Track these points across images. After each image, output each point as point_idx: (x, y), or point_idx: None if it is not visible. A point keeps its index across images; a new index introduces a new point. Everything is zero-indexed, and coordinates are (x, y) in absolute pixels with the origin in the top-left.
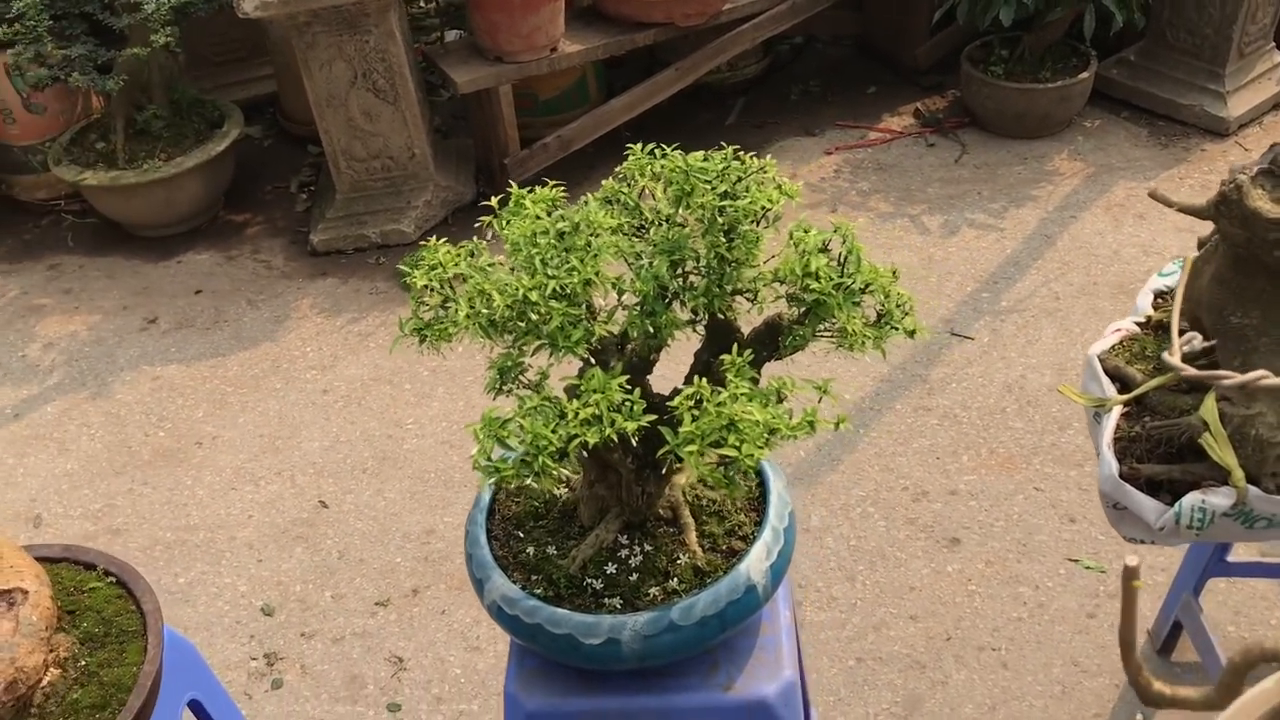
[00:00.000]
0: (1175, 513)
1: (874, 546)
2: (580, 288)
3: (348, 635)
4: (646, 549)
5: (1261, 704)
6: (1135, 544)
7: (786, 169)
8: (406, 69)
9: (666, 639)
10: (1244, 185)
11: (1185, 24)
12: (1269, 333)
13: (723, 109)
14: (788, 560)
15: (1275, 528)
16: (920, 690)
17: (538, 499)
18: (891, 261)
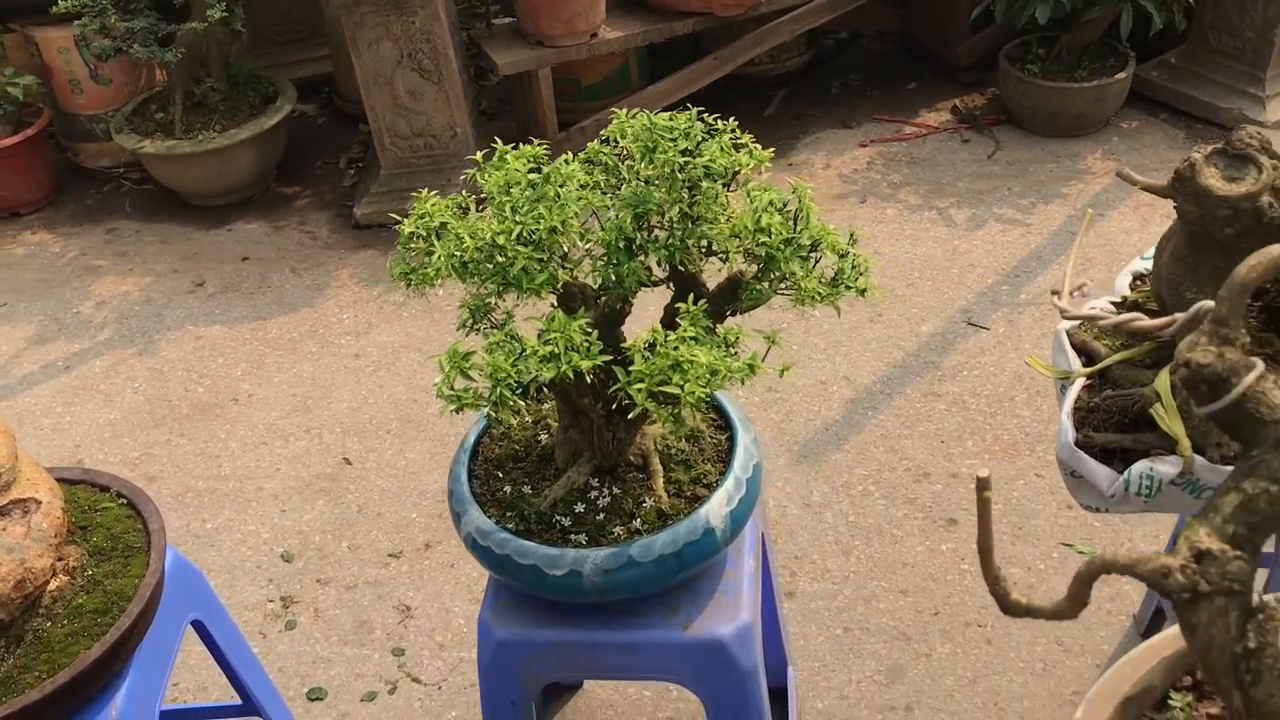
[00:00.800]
0: (1125, 480)
1: (872, 523)
2: (546, 234)
3: (360, 584)
4: (615, 492)
5: (1159, 652)
6: (1095, 513)
7: (821, 159)
8: (451, 50)
9: (626, 574)
10: (1197, 164)
11: (1227, 26)
12: None
13: (763, 100)
14: (749, 509)
15: None
16: (904, 661)
17: (519, 443)
18: (916, 253)
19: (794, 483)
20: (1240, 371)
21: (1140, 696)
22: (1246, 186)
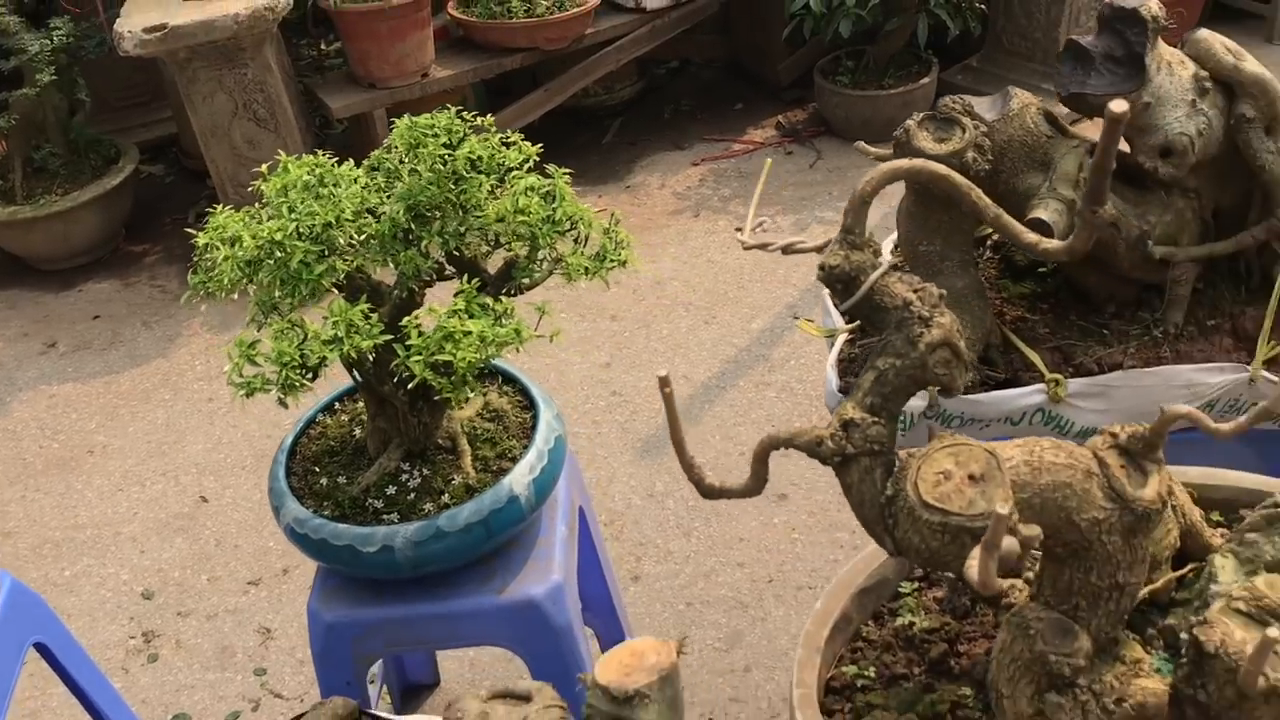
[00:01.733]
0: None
1: (710, 506)
2: (322, 229)
3: (221, 612)
4: (425, 473)
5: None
6: None
7: (656, 180)
8: (285, 99)
9: (437, 546)
10: (912, 129)
11: (1017, 29)
12: (950, 256)
13: (600, 129)
14: (553, 477)
15: (966, 424)
16: (742, 626)
17: (334, 440)
18: (746, 258)
19: (637, 476)
20: (867, 270)
21: (876, 588)
22: (953, 145)
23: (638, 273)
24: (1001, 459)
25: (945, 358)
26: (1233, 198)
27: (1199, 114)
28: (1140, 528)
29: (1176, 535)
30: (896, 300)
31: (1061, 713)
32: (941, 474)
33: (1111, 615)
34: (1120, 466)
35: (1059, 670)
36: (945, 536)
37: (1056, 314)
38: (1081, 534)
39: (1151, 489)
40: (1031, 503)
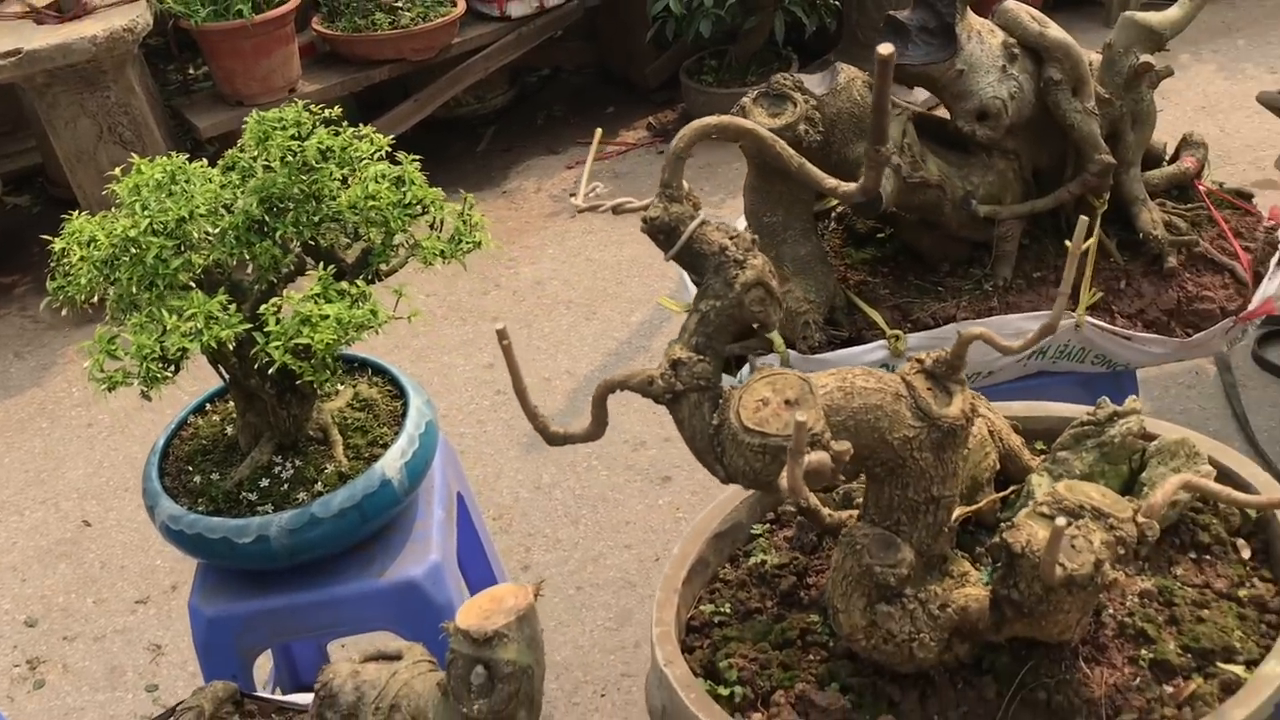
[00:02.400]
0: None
1: (597, 493)
2: (175, 224)
3: (109, 633)
4: (297, 464)
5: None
6: None
7: (532, 185)
8: (151, 120)
9: (312, 533)
10: (747, 105)
11: (870, 24)
12: (792, 226)
13: (474, 137)
14: (425, 461)
15: None
16: (631, 605)
17: (206, 439)
18: (623, 255)
19: (524, 470)
20: (685, 220)
21: (730, 532)
22: (786, 118)
23: (518, 274)
24: (816, 385)
25: (760, 296)
26: (1050, 157)
27: (1010, 78)
28: (948, 443)
29: (995, 459)
30: (714, 247)
31: (891, 621)
32: (760, 401)
33: (930, 528)
34: (927, 389)
35: (885, 581)
36: (766, 456)
37: (896, 276)
38: (895, 452)
39: (955, 407)
40: (846, 425)
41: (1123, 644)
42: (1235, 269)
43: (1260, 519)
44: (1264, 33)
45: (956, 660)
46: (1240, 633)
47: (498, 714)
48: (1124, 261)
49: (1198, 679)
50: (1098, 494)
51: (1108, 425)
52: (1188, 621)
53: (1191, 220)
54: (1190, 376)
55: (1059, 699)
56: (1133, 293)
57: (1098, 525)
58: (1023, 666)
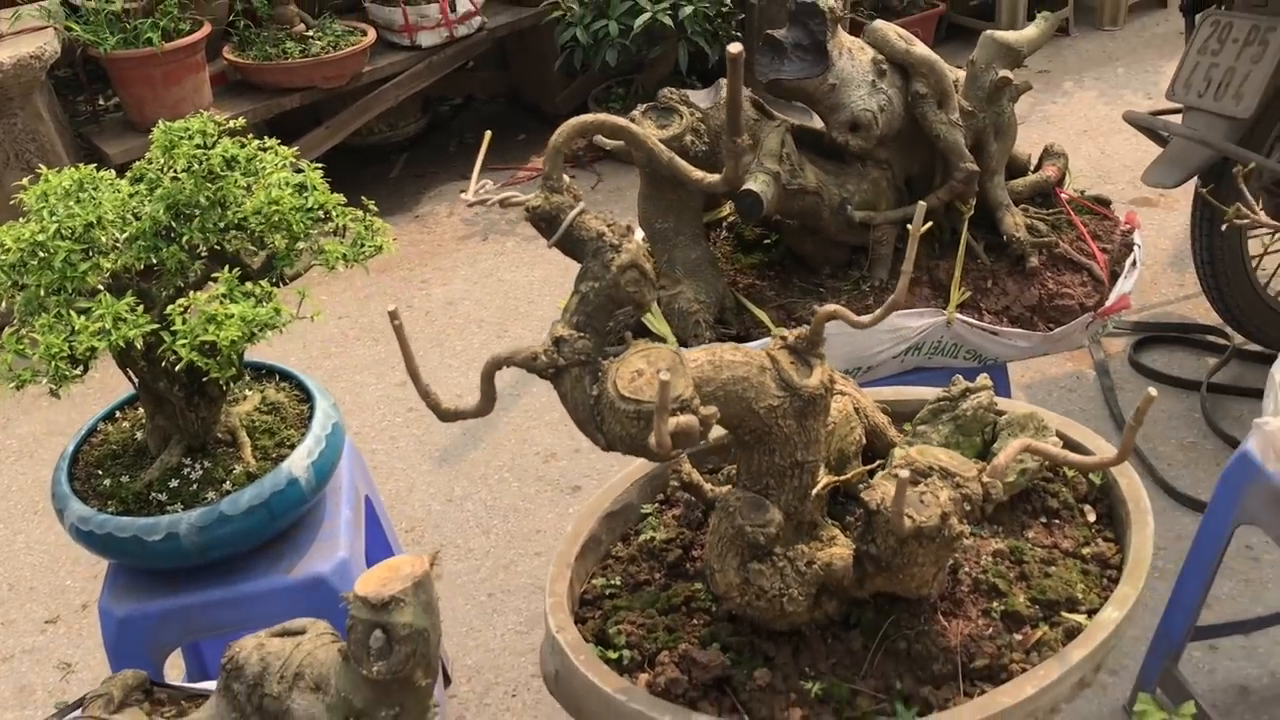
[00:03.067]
0: None
1: (508, 503)
2: (83, 229)
3: (17, 653)
4: (206, 465)
5: (633, 477)
6: None
7: (444, 209)
8: (60, 147)
9: (222, 530)
10: (637, 117)
11: None
12: (683, 231)
13: (387, 164)
14: (332, 461)
15: None
16: (541, 610)
17: (116, 444)
18: (534, 275)
19: (436, 484)
20: (565, 209)
21: (622, 512)
22: (673, 130)
23: (430, 295)
24: (687, 358)
25: (635, 277)
26: (920, 166)
27: (879, 92)
28: (809, 411)
29: (862, 434)
30: (592, 233)
31: (762, 577)
32: (636, 372)
33: (797, 491)
34: (790, 362)
35: (755, 540)
36: (640, 422)
37: (781, 279)
38: (761, 420)
39: (815, 379)
40: (716, 395)
41: (977, 598)
42: (1093, 268)
43: (1104, 486)
44: (1141, 61)
45: (826, 617)
46: (1083, 586)
47: (395, 674)
48: (990, 262)
49: (1044, 627)
50: (945, 456)
51: (960, 400)
52: (1036, 577)
53: (1052, 224)
54: (1071, 380)
55: (918, 648)
56: (999, 291)
57: (945, 483)
58: (886, 620)
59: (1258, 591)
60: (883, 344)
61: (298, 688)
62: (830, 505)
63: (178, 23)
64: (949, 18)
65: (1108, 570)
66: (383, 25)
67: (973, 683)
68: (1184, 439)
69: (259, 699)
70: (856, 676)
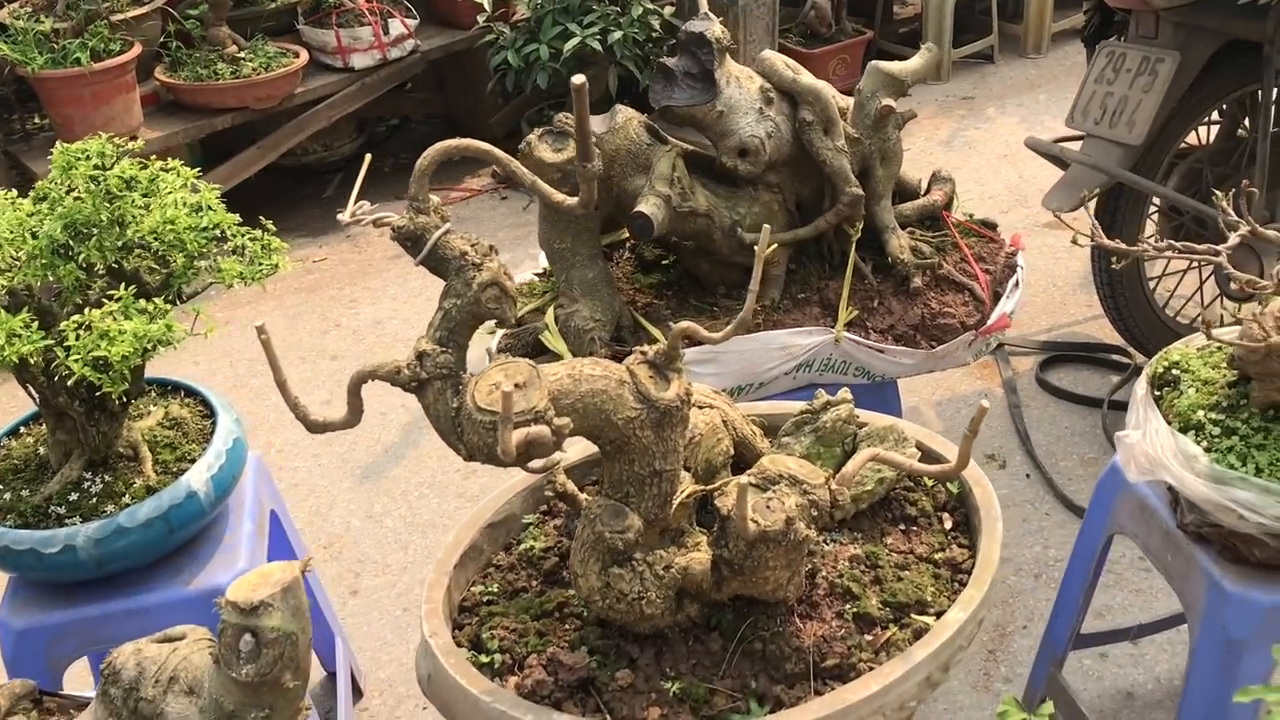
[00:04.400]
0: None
1: (427, 519)
2: None
3: None
4: (106, 479)
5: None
6: None
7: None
8: None
9: (119, 543)
10: (533, 141)
11: None
12: (580, 251)
13: (322, 184)
14: (232, 475)
15: None
16: None
17: (19, 459)
18: None
19: (357, 500)
20: (431, 230)
21: (504, 522)
22: (567, 154)
23: (358, 314)
24: (546, 372)
25: (495, 294)
26: (811, 190)
27: (766, 119)
28: (666, 422)
29: (729, 445)
30: (455, 252)
31: (622, 581)
32: (493, 385)
33: (656, 498)
34: (649, 376)
35: (614, 545)
36: (495, 432)
37: (679, 298)
38: (620, 431)
39: (672, 392)
40: (575, 407)
41: (832, 601)
42: (974, 288)
43: (961, 494)
44: (1063, 88)
45: (689, 620)
46: (934, 589)
47: (264, 677)
48: (877, 283)
49: (894, 628)
50: (796, 465)
51: (821, 413)
52: (890, 581)
53: (937, 246)
54: (979, 397)
55: (772, 649)
56: (884, 310)
57: (792, 490)
58: (745, 622)
59: (1148, 601)
60: (773, 361)
61: (172, 691)
62: (699, 514)
63: (107, 43)
64: (877, 44)
65: (959, 574)
66: (316, 47)
67: (824, 681)
68: (1085, 454)
69: (135, 703)
70: (715, 676)
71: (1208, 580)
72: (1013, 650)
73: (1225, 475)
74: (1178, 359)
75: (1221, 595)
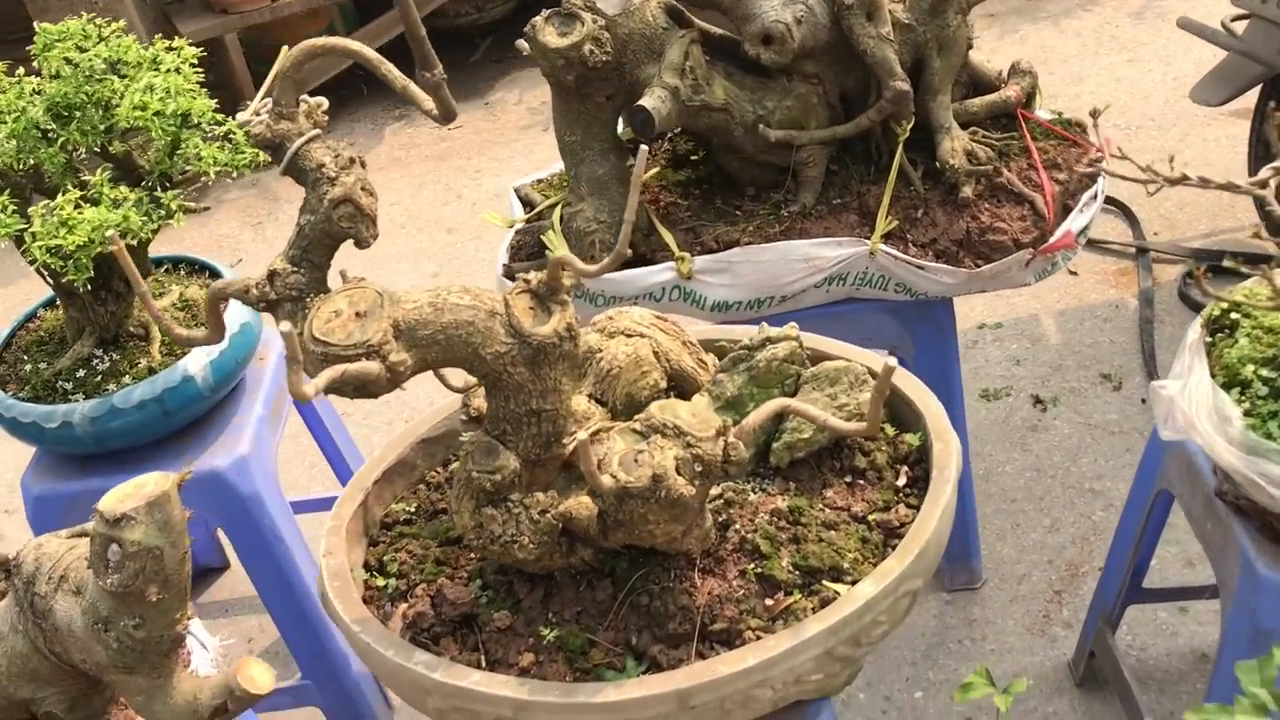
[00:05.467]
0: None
1: None
2: None
3: None
4: (115, 358)
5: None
6: None
7: (514, 97)
8: (134, 14)
9: (114, 422)
10: (539, 24)
11: None
12: (591, 146)
13: (471, 47)
14: (235, 361)
15: (611, 301)
16: None
17: (46, 331)
18: None
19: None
20: (291, 137)
21: (442, 438)
22: (573, 38)
23: (480, 186)
24: (403, 299)
25: (349, 213)
26: (857, 82)
27: (796, 2)
28: (541, 360)
29: (659, 378)
30: (313, 163)
31: (494, 523)
32: (334, 312)
33: (536, 438)
34: (528, 308)
35: (481, 485)
36: (327, 365)
37: (704, 198)
38: (490, 366)
39: (550, 326)
40: (436, 339)
41: (740, 558)
42: (1036, 201)
43: (923, 448)
44: None
45: (583, 563)
46: (856, 555)
47: (127, 588)
48: (924, 191)
49: (798, 595)
50: (687, 413)
51: (757, 350)
52: (810, 541)
53: (1001, 150)
54: (1109, 309)
55: (657, 605)
56: (928, 222)
57: (674, 442)
58: (638, 572)
59: None
60: (795, 273)
61: (61, 590)
62: None
63: None
64: None
65: (892, 540)
66: None
67: (711, 645)
68: None
69: (31, 597)
70: (600, 626)
71: (1242, 559)
72: (1082, 594)
73: (1259, 445)
74: (1241, 300)
75: (1254, 579)
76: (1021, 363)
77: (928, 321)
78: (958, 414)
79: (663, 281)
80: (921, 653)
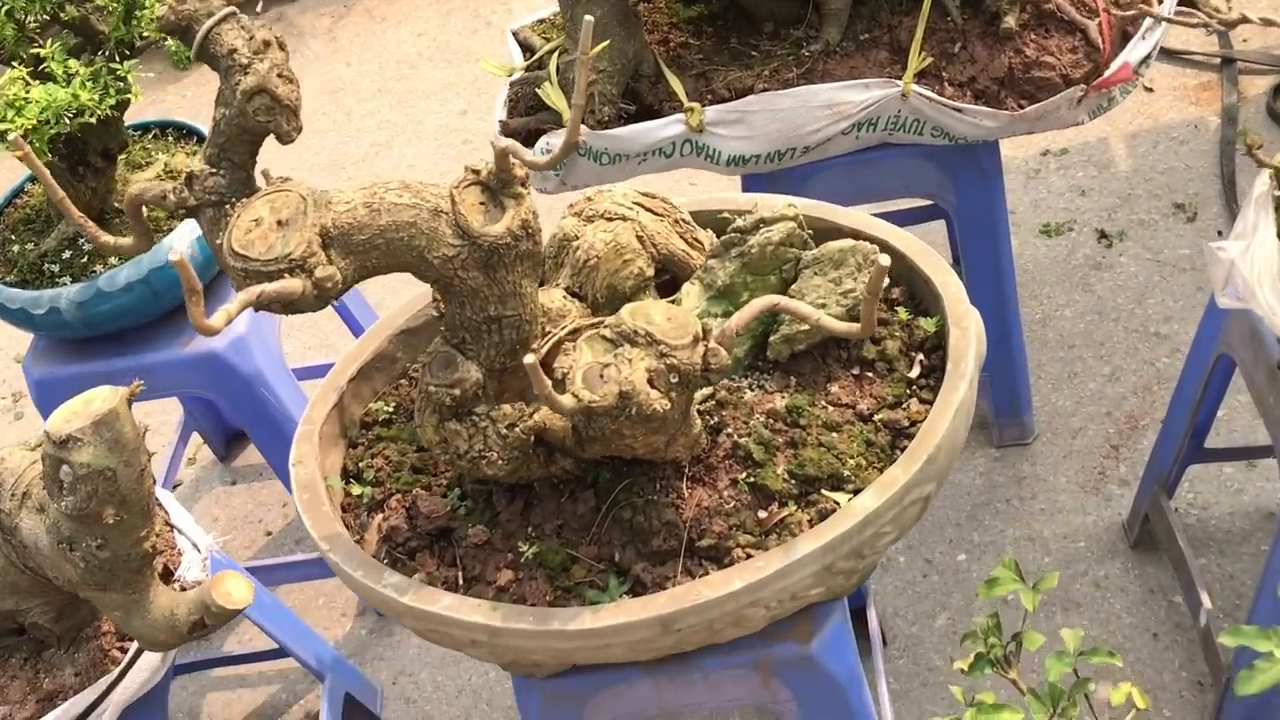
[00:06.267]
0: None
1: None
2: None
3: None
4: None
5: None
6: (547, 195)
7: None
8: None
9: (102, 306)
10: None
11: None
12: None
13: None
14: None
15: (617, 160)
16: None
17: (33, 209)
18: None
19: None
20: (201, 19)
21: (426, 328)
22: None
23: (511, 11)
24: (324, 202)
25: (265, 104)
26: None
27: None
28: (495, 262)
29: (644, 265)
30: (225, 49)
31: (459, 439)
32: (255, 221)
33: (498, 346)
34: (478, 203)
35: (440, 400)
36: (249, 282)
37: (719, 37)
38: (438, 271)
39: (502, 225)
40: (374, 244)
41: (732, 465)
42: (1089, 29)
43: (940, 333)
44: None
45: (564, 472)
46: (860, 460)
47: (81, 511)
48: (962, 21)
49: (793, 506)
50: (662, 317)
51: (750, 234)
52: (809, 446)
53: None
54: (1187, 130)
55: (640, 519)
56: (966, 57)
57: (647, 351)
58: (621, 483)
59: None
60: (818, 121)
61: (26, 507)
62: None
63: None
64: None
65: (901, 442)
66: None
67: (699, 561)
68: None
69: None
70: (582, 541)
71: None
72: (1141, 449)
73: None
74: None
75: None
76: (1087, 193)
77: (970, 166)
78: (1005, 265)
79: (671, 136)
80: (966, 513)
